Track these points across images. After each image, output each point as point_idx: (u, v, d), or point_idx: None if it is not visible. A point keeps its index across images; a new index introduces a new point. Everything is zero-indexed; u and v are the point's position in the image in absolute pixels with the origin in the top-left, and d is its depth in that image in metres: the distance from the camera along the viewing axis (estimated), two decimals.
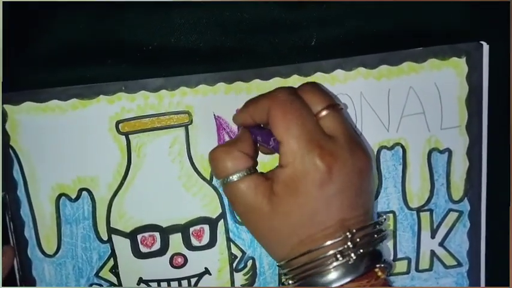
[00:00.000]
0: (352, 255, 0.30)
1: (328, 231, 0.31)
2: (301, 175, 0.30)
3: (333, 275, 0.30)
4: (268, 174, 0.34)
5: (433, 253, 0.40)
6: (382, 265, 0.32)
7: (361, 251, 0.30)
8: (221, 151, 0.34)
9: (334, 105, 0.32)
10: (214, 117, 0.37)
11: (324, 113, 0.32)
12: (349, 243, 0.30)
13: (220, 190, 0.38)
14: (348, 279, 0.30)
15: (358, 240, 0.31)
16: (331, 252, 0.30)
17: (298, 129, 0.31)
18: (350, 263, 0.30)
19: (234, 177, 0.33)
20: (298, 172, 0.31)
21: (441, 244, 0.40)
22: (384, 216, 0.34)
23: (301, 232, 0.31)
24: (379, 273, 0.31)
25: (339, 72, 0.37)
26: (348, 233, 0.30)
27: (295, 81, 0.37)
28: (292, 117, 0.31)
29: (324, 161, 0.30)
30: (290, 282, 0.32)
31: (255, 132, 0.35)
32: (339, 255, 0.30)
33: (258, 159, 0.37)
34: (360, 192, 0.32)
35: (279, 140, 0.31)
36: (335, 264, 0.30)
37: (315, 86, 0.34)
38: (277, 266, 0.34)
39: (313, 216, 0.31)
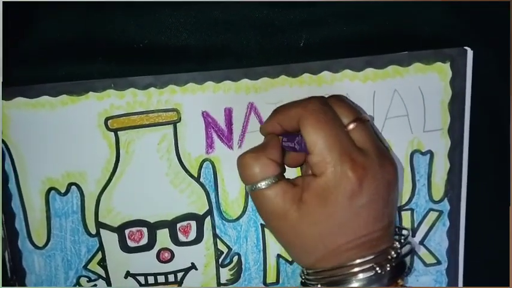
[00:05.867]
0: (378, 269, 0.30)
1: (355, 244, 0.30)
2: (333, 186, 0.30)
3: (355, 284, 0.30)
4: (295, 181, 0.33)
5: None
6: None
7: (389, 265, 0.30)
8: (250, 157, 0.32)
9: (361, 118, 0.32)
10: (203, 115, 0.36)
11: (352, 125, 0.31)
12: (379, 260, 0.30)
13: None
14: None
15: (387, 256, 0.30)
16: (357, 269, 0.30)
17: (330, 140, 0.30)
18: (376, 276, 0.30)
19: (262, 184, 0.32)
20: (330, 183, 0.30)
21: (421, 242, 0.40)
22: (408, 231, 0.33)
23: (327, 242, 0.31)
24: (400, 282, 0.31)
25: (325, 74, 0.36)
26: (375, 254, 0.30)
27: (283, 81, 0.36)
28: (325, 127, 0.30)
29: (356, 173, 0.30)
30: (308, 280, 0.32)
31: (282, 135, 0.34)
32: (368, 269, 0.30)
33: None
34: (387, 204, 0.31)
35: (310, 151, 0.30)
36: (361, 276, 0.30)
37: (343, 99, 0.33)
38: (302, 270, 0.33)
39: (340, 227, 0.30)
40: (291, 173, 0.36)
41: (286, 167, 0.35)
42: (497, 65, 0.37)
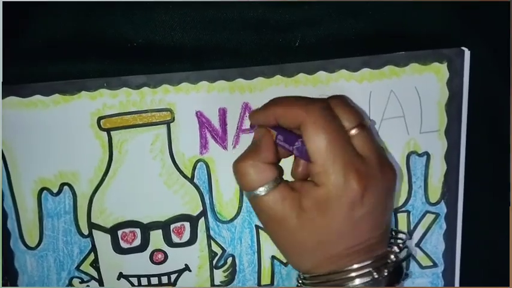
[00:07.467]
0: (375, 274, 0.30)
1: (353, 250, 0.30)
2: (334, 197, 0.29)
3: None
4: (295, 186, 0.31)
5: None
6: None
7: (387, 270, 0.30)
8: (247, 165, 0.31)
9: (364, 123, 0.31)
10: (197, 115, 0.35)
11: (354, 131, 0.30)
12: (377, 265, 0.30)
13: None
14: None
15: (386, 261, 0.30)
16: (355, 274, 0.30)
17: (334, 150, 0.29)
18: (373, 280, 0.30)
19: (261, 191, 0.30)
20: (332, 194, 0.29)
21: (417, 245, 0.39)
22: (406, 235, 0.33)
23: (325, 249, 0.30)
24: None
25: (321, 74, 0.35)
26: (373, 259, 0.30)
27: (278, 81, 0.35)
28: (329, 136, 0.29)
29: (360, 185, 0.29)
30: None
31: (277, 131, 0.32)
32: (365, 274, 0.30)
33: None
34: (385, 211, 0.31)
35: (313, 160, 0.29)
36: (358, 281, 0.29)
37: (346, 101, 0.32)
38: (298, 274, 0.33)
39: (339, 236, 0.30)
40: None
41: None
42: (495, 65, 0.36)
